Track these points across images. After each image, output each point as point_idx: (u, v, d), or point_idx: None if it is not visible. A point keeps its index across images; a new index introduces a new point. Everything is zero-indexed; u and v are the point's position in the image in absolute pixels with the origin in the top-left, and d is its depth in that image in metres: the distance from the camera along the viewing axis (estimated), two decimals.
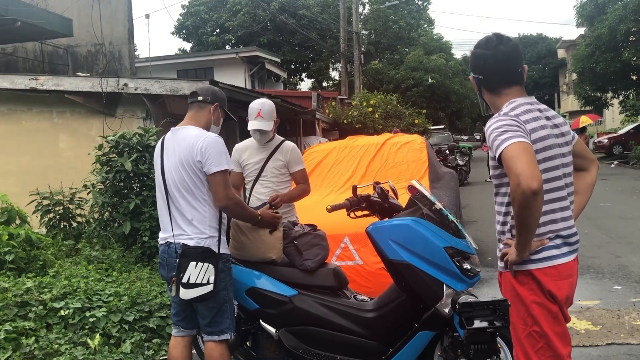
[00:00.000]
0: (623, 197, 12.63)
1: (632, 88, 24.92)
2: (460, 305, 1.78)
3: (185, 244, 3.00)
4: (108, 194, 6.42)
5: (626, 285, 5.62)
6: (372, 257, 4.58)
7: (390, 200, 3.36)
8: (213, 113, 3.20)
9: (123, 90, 8.16)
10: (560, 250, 2.25)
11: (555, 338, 2.20)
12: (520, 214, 2.05)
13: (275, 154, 4.06)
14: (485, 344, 1.80)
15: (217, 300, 3.03)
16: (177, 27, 34.12)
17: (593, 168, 2.52)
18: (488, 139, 2.22)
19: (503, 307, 1.78)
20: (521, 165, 2.01)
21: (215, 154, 2.97)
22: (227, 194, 3.00)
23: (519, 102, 2.30)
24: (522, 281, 2.23)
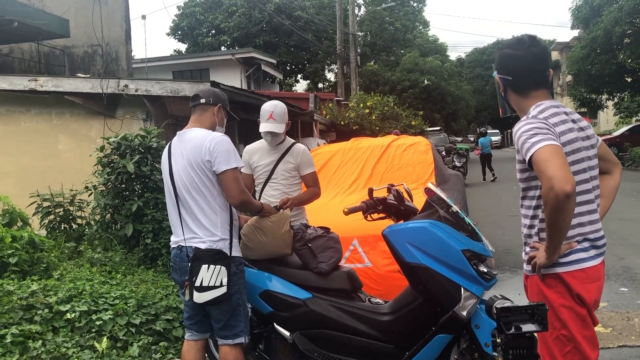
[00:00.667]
0: (621, 199, 12.61)
1: (626, 90, 25.06)
2: (498, 310, 1.76)
3: (197, 247, 2.98)
4: (110, 196, 6.37)
5: (632, 287, 5.63)
6: (381, 260, 4.57)
7: (406, 203, 3.34)
8: (217, 114, 3.20)
9: (123, 92, 8.12)
10: (589, 254, 2.24)
11: (583, 342, 2.18)
12: (553, 217, 2.04)
13: (286, 156, 4.03)
14: (524, 349, 1.78)
15: (231, 303, 3.01)
16: (173, 28, 34.02)
17: (617, 171, 2.51)
18: (517, 142, 2.20)
19: (541, 312, 1.76)
20: (554, 168, 1.99)
21: (224, 152, 2.96)
22: (241, 189, 2.99)
23: (546, 105, 2.28)
24: (550, 284, 2.22)
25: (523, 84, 2.36)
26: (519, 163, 2.29)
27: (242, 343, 3.08)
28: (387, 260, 4.53)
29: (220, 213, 3.02)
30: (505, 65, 2.39)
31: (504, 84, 2.41)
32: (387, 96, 21.40)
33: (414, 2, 40.26)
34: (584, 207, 2.24)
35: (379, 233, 4.64)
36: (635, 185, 15.55)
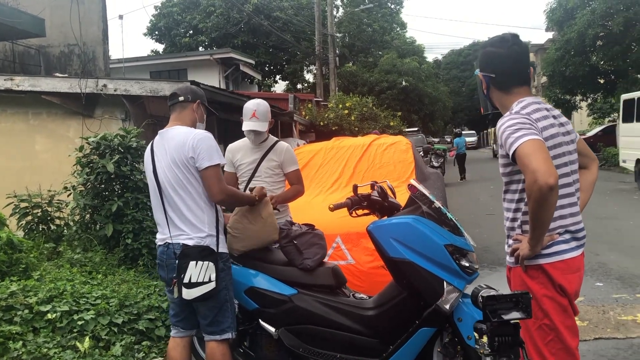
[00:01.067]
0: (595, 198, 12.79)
1: (599, 91, 25.55)
2: (484, 299, 1.81)
3: (185, 244, 2.98)
4: (89, 196, 6.31)
5: (607, 282, 5.78)
6: (364, 257, 4.62)
7: (389, 199, 3.39)
8: (196, 110, 3.20)
9: (102, 91, 8.05)
10: (569, 245, 2.31)
11: (565, 331, 2.25)
12: (536, 209, 2.09)
13: (270, 154, 4.06)
14: (509, 336, 1.83)
15: (219, 299, 3.02)
16: (150, 28, 33.68)
17: (594, 166, 2.61)
18: (500, 137, 2.26)
19: (525, 300, 1.81)
20: (537, 162, 2.05)
21: (206, 149, 2.98)
22: (221, 187, 3.00)
23: (528, 102, 2.35)
24: (533, 275, 2.29)
25: (506, 81, 2.41)
26: (502, 158, 2.35)
27: (230, 339, 3.09)
28: (370, 257, 4.59)
29: (207, 209, 3.03)
30: (489, 63, 2.44)
31: (487, 82, 2.46)
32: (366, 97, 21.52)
33: (391, 4, 40.51)
34: (565, 200, 2.30)
35: (361, 230, 4.70)
36: (609, 184, 15.88)
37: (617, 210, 10.79)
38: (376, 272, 4.52)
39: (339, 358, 3.21)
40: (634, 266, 6.38)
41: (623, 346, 4.09)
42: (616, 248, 7.38)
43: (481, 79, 2.49)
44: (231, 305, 3.11)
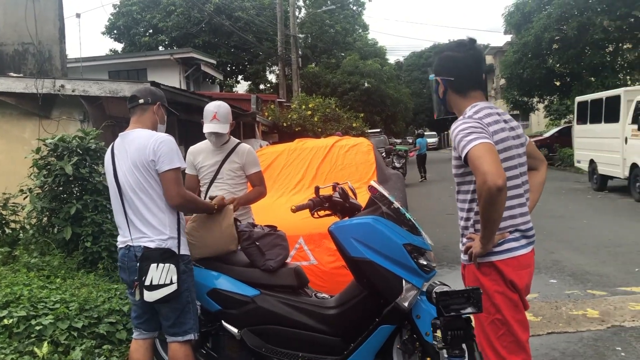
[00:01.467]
0: (551, 197, 13.31)
1: (556, 93, 26.31)
2: (437, 294, 1.88)
3: (146, 247, 2.98)
4: (47, 199, 6.19)
5: (560, 279, 5.99)
6: (326, 257, 4.67)
7: (350, 200, 3.45)
8: (157, 112, 3.20)
9: (60, 92, 7.88)
10: (520, 243, 2.41)
11: (515, 325, 2.35)
12: (486, 209, 2.19)
13: (231, 156, 4.07)
14: (461, 330, 1.91)
15: (181, 301, 3.03)
16: (108, 27, 33.05)
17: (542, 167, 2.72)
18: (454, 140, 2.34)
19: (476, 295, 1.90)
20: (487, 164, 2.13)
21: (167, 152, 2.98)
22: (178, 191, 3.00)
23: (481, 106, 2.44)
24: (485, 272, 2.38)
25: (463, 84, 2.50)
26: (455, 159, 2.43)
27: (192, 340, 3.10)
28: (332, 257, 4.64)
29: (168, 212, 3.03)
30: (448, 67, 2.51)
31: (446, 85, 2.52)
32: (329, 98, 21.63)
33: (353, 6, 40.78)
34: (515, 200, 2.40)
35: (323, 231, 4.75)
36: (564, 184, 16.39)
37: (571, 210, 11.16)
38: (338, 272, 4.58)
39: (301, 357, 3.26)
40: (586, 263, 6.62)
41: (573, 339, 4.26)
42: (570, 246, 7.64)
43: (439, 82, 2.55)
44: (193, 306, 3.11)
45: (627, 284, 5.67)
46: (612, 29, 20.46)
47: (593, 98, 15.17)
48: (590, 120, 14.99)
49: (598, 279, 5.92)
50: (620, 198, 12.56)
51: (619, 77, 21.89)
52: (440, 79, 2.54)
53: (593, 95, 15.73)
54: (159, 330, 3.22)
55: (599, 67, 22.00)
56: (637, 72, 22.15)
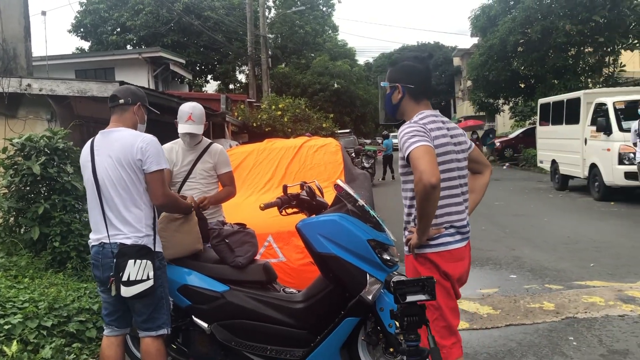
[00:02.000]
0: (514, 197, 13.71)
1: (520, 95, 26.90)
2: (394, 283, 2.02)
3: (123, 243, 3.03)
4: (13, 199, 6.15)
5: (520, 274, 6.22)
6: (294, 254, 4.79)
7: (317, 199, 3.57)
8: (137, 112, 3.26)
9: (26, 91, 7.81)
10: (454, 238, 2.68)
11: (448, 311, 2.62)
12: (422, 204, 2.45)
13: (204, 156, 4.14)
14: (416, 316, 2.05)
15: (155, 296, 3.09)
16: (75, 25, 32.51)
17: (487, 172, 2.99)
18: (400, 142, 2.58)
19: (430, 284, 2.04)
20: (424, 164, 2.40)
21: (155, 153, 3.07)
22: (164, 191, 3.12)
23: (426, 114, 2.70)
24: (422, 262, 2.66)
25: (420, 92, 2.77)
26: (400, 160, 2.67)
27: (164, 334, 3.17)
28: (300, 254, 4.76)
29: (146, 210, 3.10)
30: (409, 75, 2.76)
31: (404, 91, 2.75)
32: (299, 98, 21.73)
33: (323, 7, 40.98)
34: (451, 199, 2.67)
35: (292, 229, 4.86)
36: (527, 184, 16.84)
37: (533, 208, 11.50)
38: (306, 269, 4.70)
39: (270, 350, 3.37)
40: (545, 259, 6.89)
41: (530, 331, 4.47)
42: (530, 243, 7.92)
43: (398, 88, 2.76)
44: (166, 302, 3.19)
45: (582, 278, 5.94)
46: (574, 33, 21.04)
47: (555, 100, 15.63)
48: (552, 122, 15.43)
49: (555, 274, 6.17)
50: (580, 197, 12.98)
51: (581, 79, 22.52)
52: (401, 85, 2.75)
53: (555, 97, 16.20)
54: (131, 327, 3.28)
55: (561, 69, 22.61)
56: (597, 75, 22.84)
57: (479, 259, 6.88)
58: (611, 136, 11.58)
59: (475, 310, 4.97)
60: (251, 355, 3.37)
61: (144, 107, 3.33)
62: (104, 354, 3.21)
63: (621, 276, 5.96)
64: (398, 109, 2.82)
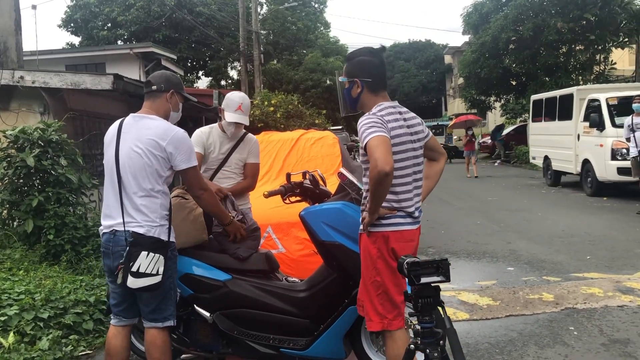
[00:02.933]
0: (507, 192, 13.77)
1: (512, 92, 27.02)
2: (408, 265, 2.00)
3: (136, 232, 2.96)
4: (7, 191, 6.09)
5: (517, 267, 6.24)
6: (294, 245, 4.77)
7: (320, 187, 3.55)
8: (170, 100, 3.17)
9: (19, 84, 7.72)
10: (406, 220, 2.84)
11: (392, 287, 2.78)
12: (374, 188, 2.61)
13: (240, 145, 4.10)
14: (430, 298, 2.04)
15: (163, 287, 3.03)
16: (65, 20, 32.22)
17: (442, 159, 3.16)
18: (359, 132, 2.71)
19: (444, 265, 2.02)
20: (379, 153, 2.56)
21: (186, 150, 3.05)
22: (201, 185, 3.17)
23: (385, 106, 2.85)
24: (372, 240, 2.81)
25: (378, 85, 2.91)
26: (361, 149, 2.80)
27: (170, 326, 3.12)
28: (300, 245, 4.75)
29: (162, 199, 3.03)
30: (366, 69, 2.89)
31: (363, 85, 2.89)
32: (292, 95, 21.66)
33: (315, 3, 40.90)
34: (403, 187, 2.83)
35: (292, 220, 4.87)
36: (520, 180, 16.92)
37: (527, 204, 11.54)
38: (306, 260, 4.69)
39: (272, 339, 3.34)
40: (541, 252, 6.91)
41: (530, 321, 4.48)
42: (526, 237, 7.94)
43: (357, 83, 2.89)
44: (174, 293, 3.15)
45: (579, 270, 5.96)
46: (566, 31, 21.14)
47: (547, 96, 15.70)
48: (545, 118, 15.50)
49: (553, 266, 6.19)
50: (573, 192, 13.05)
51: (572, 77, 22.63)
52: (360, 80, 2.88)
53: (548, 93, 16.27)
54: (138, 317, 3.22)
55: (553, 67, 22.71)
56: (588, 73, 22.97)
57: (475, 252, 6.91)
58: (604, 132, 11.64)
59: (475, 301, 4.97)
60: (254, 345, 3.34)
61: (178, 95, 3.24)
62: (110, 343, 3.15)
63: (618, 268, 5.99)
64: (358, 102, 2.94)
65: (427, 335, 2.04)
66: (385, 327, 2.77)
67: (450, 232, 8.31)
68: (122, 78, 7.93)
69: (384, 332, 2.81)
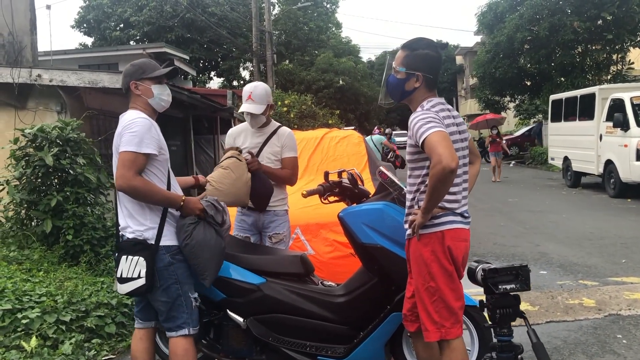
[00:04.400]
0: (527, 193, 13.52)
1: (526, 93, 26.72)
2: (485, 272, 1.83)
3: (127, 237, 2.87)
4: (25, 191, 5.97)
5: (550, 270, 6.03)
6: (323, 247, 4.61)
7: (359, 187, 3.38)
8: (136, 91, 2.94)
9: (36, 82, 7.62)
10: (458, 219, 2.69)
11: (448, 292, 2.58)
12: (436, 186, 2.46)
13: (272, 139, 3.91)
14: (510, 308, 1.85)
15: (169, 294, 2.87)
16: (78, 20, 32.30)
17: (477, 162, 3.05)
18: (412, 128, 2.59)
19: (524, 272, 1.84)
20: (443, 148, 2.42)
21: (127, 134, 2.77)
22: (122, 174, 2.73)
23: (436, 102, 2.72)
24: (425, 243, 2.64)
25: (435, 82, 2.78)
26: (410, 147, 2.70)
27: (189, 334, 2.95)
28: (329, 247, 4.58)
29: None
30: (431, 65, 2.75)
31: (423, 81, 2.73)
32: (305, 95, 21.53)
33: (327, 3, 40.76)
34: (455, 187, 2.70)
35: (321, 221, 4.70)
36: (538, 181, 16.65)
37: (549, 205, 11.30)
38: (335, 262, 4.53)
39: (309, 346, 3.17)
40: (572, 255, 6.69)
41: (573, 328, 4.27)
42: (554, 239, 7.72)
43: (417, 76, 2.72)
44: (186, 300, 2.92)
45: (617, 274, 5.73)
46: (582, 30, 20.84)
47: (567, 96, 15.42)
48: (565, 118, 15.23)
49: (587, 269, 5.97)
50: (594, 194, 12.79)
51: (588, 77, 22.32)
52: (422, 74, 2.72)
53: (567, 93, 15.99)
54: (156, 321, 3.09)
55: (568, 67, 22.40)
56: (604, 73, 22.63)
57: (503, 254, 6.70)
58: (628, 132, 11.37)
59: None
60: (289, 352, 3.16)
61: (143, 80, 2.94)
62: (132, 347, 3.09)
63: None
64: (409, 95, 2.79)
65: (505, 350, 1.86)
66: (443, 336, 2.58)
67: (475, 234, 7.99)
68: None
69: (441, 342, 2.62)
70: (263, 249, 3.73)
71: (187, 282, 2.96)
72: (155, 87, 2.97)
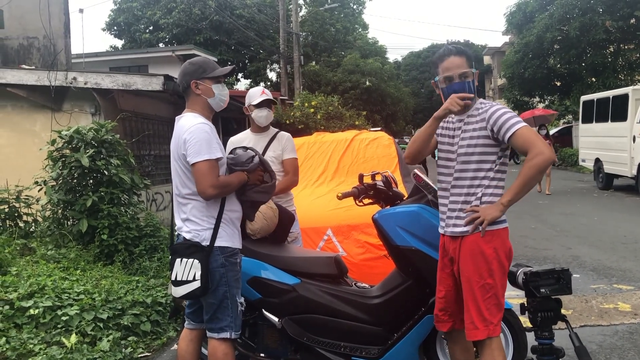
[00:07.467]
0: (557, 195, 13.33)
1: (556, 93, 26.34)
2: (527, 275, 1.84)
3: (185, 238, 2.88)
4: (62, 191, 6.12)
5: (583, 274, 5.95)
6: (355, 249, 4.63)
7: (393, 189, 3.40)
8: (196, 90, 2.92)
9: (72, 84, 7.80)
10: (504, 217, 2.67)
11: (501, 289, 2.56)
12: (533, 178, 2.51)
13: (273, 142, 4.06)
14: (551, 311, 1.86)
15: (216, 296, 2.87)
16: (109, 23, 32.87)
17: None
18: (498, 118, 2.57)
19: (566, 276, 1.85)
20: (540, 141, 2.51)
21: (194, 143, 2.76)
22: (211, 183, 2.77)
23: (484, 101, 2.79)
24: (488, 240, 2.59)
25: None
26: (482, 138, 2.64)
27: (230, 339, 2.93)
28: (361, 249, 4.60)
29: (207, 202, 2.87)
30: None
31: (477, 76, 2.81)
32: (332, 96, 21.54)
33: (353, 4, 40.71)
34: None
35: (352, 223, 4.73)
36: (568, 183, 16.40)
37: (580, 207, 11.13)
38: (367, 264, 4.54)
39: (343, 346, 3.20)
40: (606, 258, 6.59)
41: (608, 332, 4.22)
42: (586, 242, 7.61)
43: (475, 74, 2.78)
44: (232, 303, 2.91)
45: None
46: (614, 30, 20.49)
47: (599, 97, 15.17)
48: (596, 119, 14.98)
49: (621, 273, 5.88)
50: (627, 196, 12.55)
51: (620, 77, 21.90)
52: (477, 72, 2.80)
53: (599, 94, 15.72)
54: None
55: (599, 67, 22.01)
56: (637, 73, 22.19)
57: (535, 257, 6.62)
58: None
59: None
60: (324, 352, 3.20)
61: (204, 80, 2.92)
62: (181, 347, 3.11)
63: None
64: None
65: (547, 353, 1.87)
66: (490, 333, 2.54)
67: None
68: (172, 79, 7.94)
69: (481, 342, 2.58)
70: (297, 249, 3.77)
71: (235, 285, 2.95)
72: (215, 87, 2.95)
